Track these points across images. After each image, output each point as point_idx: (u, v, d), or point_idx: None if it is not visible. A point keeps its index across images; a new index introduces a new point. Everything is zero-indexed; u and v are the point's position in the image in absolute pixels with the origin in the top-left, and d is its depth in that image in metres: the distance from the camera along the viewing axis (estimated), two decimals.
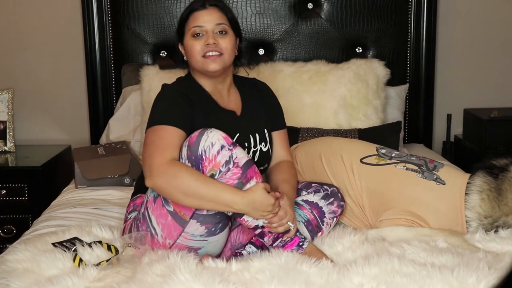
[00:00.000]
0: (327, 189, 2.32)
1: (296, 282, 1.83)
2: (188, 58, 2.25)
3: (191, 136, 2.02)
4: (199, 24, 2.21)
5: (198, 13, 2.22)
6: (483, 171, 2.33)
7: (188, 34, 2.22)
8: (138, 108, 3.25)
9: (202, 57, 2.19)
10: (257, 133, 2.28)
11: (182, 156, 2.02)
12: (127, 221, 2.22)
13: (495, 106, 3.60)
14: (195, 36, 2.20)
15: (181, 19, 2.25)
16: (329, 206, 2.28)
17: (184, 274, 1.83)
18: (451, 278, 1.84)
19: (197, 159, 1.99)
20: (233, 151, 1.99)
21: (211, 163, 1.98)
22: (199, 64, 2.21)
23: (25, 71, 3.58)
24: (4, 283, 1.91)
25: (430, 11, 3.44)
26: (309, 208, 2.25)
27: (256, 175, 2.03)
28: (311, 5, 3.44)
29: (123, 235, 2.19)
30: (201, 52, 2.20)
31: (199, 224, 2.05)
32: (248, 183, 2.00)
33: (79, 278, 1.88)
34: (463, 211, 2.28)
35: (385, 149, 2.49)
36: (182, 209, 2.03)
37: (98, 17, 3.40)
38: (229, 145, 1.99)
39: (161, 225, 2.05)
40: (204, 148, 1.98)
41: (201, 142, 1.98)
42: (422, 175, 2.35)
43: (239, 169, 1.99)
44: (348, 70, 3.21)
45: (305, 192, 2.31)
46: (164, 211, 2.04)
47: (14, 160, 3.35)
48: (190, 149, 2.00)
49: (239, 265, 1.95)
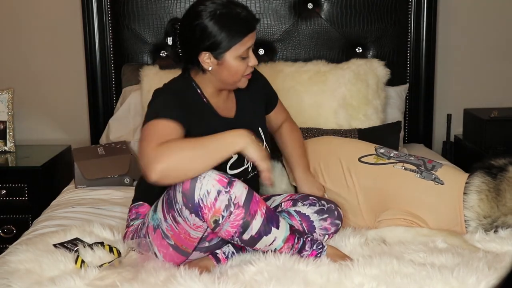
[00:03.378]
0: (323, 204, 2.26)
1: (295, 283, 1.83)
2: (222, 74, 2.13)
3: (184, 183, 1.92)
4: (250, 45, 2.12)
5: (252, 34, 2.12)
6: (481, 171, 2.33)
7: (234, 52, 2.09)
8: (138, 108, 3.25)
9: (242, 76, 2.15)
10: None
11: (178, 201, 1.93)
12: (130, 227, 2.19)
13: (495, 106, 3.60)
14: (244, 58, 2.12)
15: (230, 34, 2.07)
16: (321, 222, 2.22)
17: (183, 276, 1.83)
18: (451, 278, 1.84)
19: (195, 207, 1.91)
20: (230, 193, 1.90)
21: (211, 210, 1.90)
22: (235, 82, 2.16)
23: (25, 71, 3.58)
24: (5, 284, 1.91)
25: (430, 11, 3.44)
26: (299, 219, 2.21)
27: (259, 205, 1.95)
28: (311, 5, 3.44)
29: (124, 240, 2.18)
30: (244, 73, 2.15)
31: (202, 253, 2.07)
32: (254, 219, 1.94)
33: (81, 279, 1.88)
34: (461, 211, 2.28)
35: (383, 148, 2.49)
36: (183, 244, 2.01)
37: (98, 17, 3.40)
38: (225, 187, 1.90)
39: (163, 254, 2.04)
40: (200, 197, 1.90)
41: (196, 191, 1.90)
42: (421, 175, 2.35)
43: (241, 209, 1.91)
44: (348, 70, 3.21)
45: (301, 203, 2.26)
46: (164, 243, 2.02)
47: (14, 160, 3.35)
48: (185, 196, 1.92)
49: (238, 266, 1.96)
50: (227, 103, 2.26)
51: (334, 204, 2.28)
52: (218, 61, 2.10)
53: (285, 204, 2.30)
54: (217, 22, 2.06)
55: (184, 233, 1.98)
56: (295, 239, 2.02)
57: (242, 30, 2.09)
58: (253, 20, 2.13)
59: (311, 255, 2.04)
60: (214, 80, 2.16)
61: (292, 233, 2.02)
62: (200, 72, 2.16)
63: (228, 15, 2.08)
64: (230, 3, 2.11)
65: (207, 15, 2.07)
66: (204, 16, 2.07)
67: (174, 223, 1.98)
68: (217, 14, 2.07)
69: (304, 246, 2.03)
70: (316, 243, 2.06)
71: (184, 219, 1.95)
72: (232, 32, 2.08)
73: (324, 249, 2.06)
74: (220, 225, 1.92)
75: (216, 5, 2.08)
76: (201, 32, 2.07)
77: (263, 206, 1.97)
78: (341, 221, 2.26)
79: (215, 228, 1.94)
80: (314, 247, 2.05)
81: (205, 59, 2.11)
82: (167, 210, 1.98)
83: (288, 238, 2.00)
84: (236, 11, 2.09)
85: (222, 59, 2.10)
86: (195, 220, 1.94)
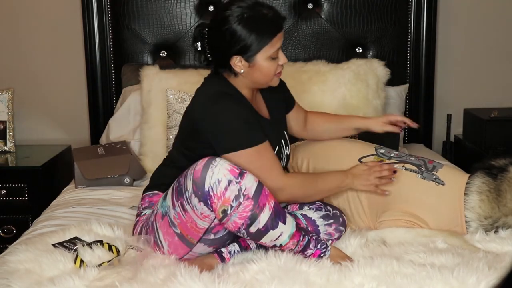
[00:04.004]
0: (329, 210, 2.29)
1: (296, 282, 1.83)
2: (254, 76, 2.15)
3: (195, 170, 1.96)
4: (279, 46, 2.13)
5: (281, 34, 2.13)
6: (482, 171, 2.33)
7: (264, 53, 2.10)
8: (138, 108, 3.25)
9: (274, 76, 2.17)
10: (283, 139, 2.29)
11: (188, 189, 1.96)
12: (141, 216, 2.20)
13: (495, 106, 3.59)
14: (274, 58, 2.13)
15: (259, 36, 2.08)
16: (326, 227, 2.25)
17: (184, 275, 1.83)
18: (451, 279, 1.84)
19: (204, 195, 1.94)
20: (241, 184, 1.94)
21: (220, 199, 1.93)
22: (267, 82, 2.18)
23: (25, 71, 3.58)
24: (5, 284, 1.91)
25: (430, 11, 3.44)
26: (305, 223, 2.25)
27: (268, 199, 1.98)
28: (311, 5, 3.44)
29: (134, 230, 2.19)
30: (275, 72, 2.16)
31: (207, 246, 2.07)
32: (262, 212, 1.95)
33: (80, 279, 1.88)
34: (462, 211, 2.28)
35: (384, 148, 2.49)
36: (189, 234, 2.02)
37: (98, 17, 3.40)
38: (236, 178, 1.94)
39: (168, 242, 2.05)
40: (210, 185, 1.93)
41: (207, 179, 1.93)
42: (421, 175, 2.34)
43: (250, 201, 1.94)
44: (348, 70, 3.21)
45: (307, 207, 2.29)
46: (170, 231, 2.04)
47: (14, 160, 3.35)
48: (196, 184, 1.94)
49: (239, 265, 1.95)
50: (260, 103, 2.30)
51: (339, 211, 2.31)
52: (249, 64, 2.12)
53: (291, 206, 2.32)
54: (246, 26, 2.07)
55: (191, 222, 2.00)
56: (301, 236, 2.04)
57: (271, 31, 2.10)
58: (280, 20, 2.14)
59: (314, 254, 2.05)
60: (246, 82, 2.18)
61: (298, 230, 2.04)
62: (232, 75, 2.17)
63: (256, 18, 2.08)
64: (256, 4, 2.11)
65: (234, 20, 2.07)
66: (232, 21, 2.07)
67: (182, 211, 1.99)
68: (244, 17, 2.07)
69: (308, 244, 2.05)
70: (321, 242, 2.08)
71: (193, 207, 1.97)
72: (261, 34, 2.09)
73: (328, 250, 2.07)
74: (228, 216, 1.94)
75: (242, 8, 2.08)
76: (231, 37, 2.08)
77: (272, 200, 1.99)
78: (345, 228, 2.29)
79: (223, 218, 1.95)
80: (318, 247, 2.06)
81: (237, 63, 2.12)
82: (176, 197, 2.00)
83: (294, 234, 2.02)
84: (262, 12, 2.10)
85: (253, 62, 2.11)
86: (203, 209, 1.96)
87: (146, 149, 3.09)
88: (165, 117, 3.05)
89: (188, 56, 3.44)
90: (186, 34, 3.43)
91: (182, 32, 3.43)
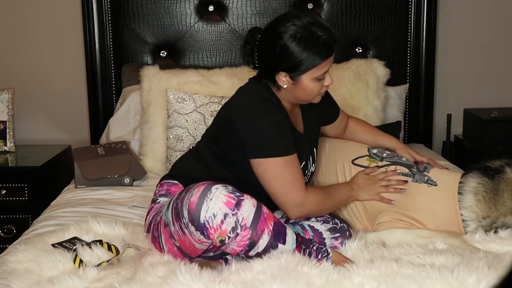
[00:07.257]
0: (336, 223, 2.27)
1: (298, 282, 1.83)
2: (297, 93, 2.13)
3: (190, 201, 1.93)
4: (327, 69, 2.11)
5: (331, 57, 2.10)
6: (477, 171, 2.32)
7: (311, 75, 2.08)
8: (138, 108, 3.25)
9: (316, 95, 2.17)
10: (311, 156, 2.28)
11: (184, 216, 1.94)
12: (155, 204, 2.17)
13: (495, 106, 3.60)
14: (319, 79, 2.12)
15: (310, 58, 2.06)
16: (332, 240, 2.23)
17: (184, 275, 1.83)
18: (451, 279, 1.84)
19: (201, 227, 1.92)
20: (237, 215, 1.91)
21: (217, 231, 1.91)
22: (309, 100, 2.17)
23: (25, 71, 3.58)
24: (5, 284, 1.91)
25: (430, 11, 3.44)
26: (312, 234, 2.23)
27: (266, 223, 1.95)
28: (311, 5, 3.44)
29: (147, 216, 2.17)
30: (319, 92, 2.15)
31: (206, 260, 2.08)
32: (260, 239, 1.94)
33: (79, 279, 1.88)
34: (457, 210, 2.27)
35: (376, 149, 2.48)
36: (187, 250, 2.02)
37: (98, 17, 3.39)
38: (233, 210, 1.91)
39: (168, 248, 2.05)
40: (206, 219, 1.91)
41: (202, 213, 1.91)
42: (413, 178, 2.34)
43: (248, 230, 1.92)
44: (348, 70, 3.21)
45: (314, 219, 2.28)
46: (171, 241, 2.03)
47: (14, 160, 3.35)
48: (191, 215, 1.92)
49: (240, 265, 1.95)
50: (297, 117, 2.28)
51: (346, 224, 2.29)
52: (293, 81, 2.10)
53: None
54: (298, 45, 2.05)
55: (189, 242, 1.99)
56: (301, 251, 2.02)
57: (322, 54, 2.07)
58: (334, 43, 2.10)
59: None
60: (288, 96, 2.17)
61: (298, 245, 2.02)
62: (275, 87, 2.16)
63: (309, 39, 2.05)
64: (311, 24, 2.07)
65: (287, 37, 2.05)
66: (285, 38, 2.05)
67: (180, 231, 1.98)
68: (297, 37, 2.05)
69: (310, 256, 2.02)
70: (322, 251, 2.06)
71: (190, 233, 1.96)
72: (311, 56, 2.06)
73: (330, 256, 2.05)
74: (226, 244, 1.94)
75: (297, 27, 2.06)
76: (281, 53, 2.06)
77: (270, 222, 1.96)
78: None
79: (221, 246, 1.96)
80: (319, 256, 2.04)
81: (281, 78, 2.11)
82: (175, 218, 1.99)
83: (294, 251, 2.00)
84: (317, 34, 2.06)
85: (298, 80, 2.10)
86: (200, 236, 1.95)
87: (146, 149, 3.09)
88: (165, 117, 3.05)
89: (188, 56, 3.44)
90: (186, 34, 3.43)
91: (182, 32, 3.43)
